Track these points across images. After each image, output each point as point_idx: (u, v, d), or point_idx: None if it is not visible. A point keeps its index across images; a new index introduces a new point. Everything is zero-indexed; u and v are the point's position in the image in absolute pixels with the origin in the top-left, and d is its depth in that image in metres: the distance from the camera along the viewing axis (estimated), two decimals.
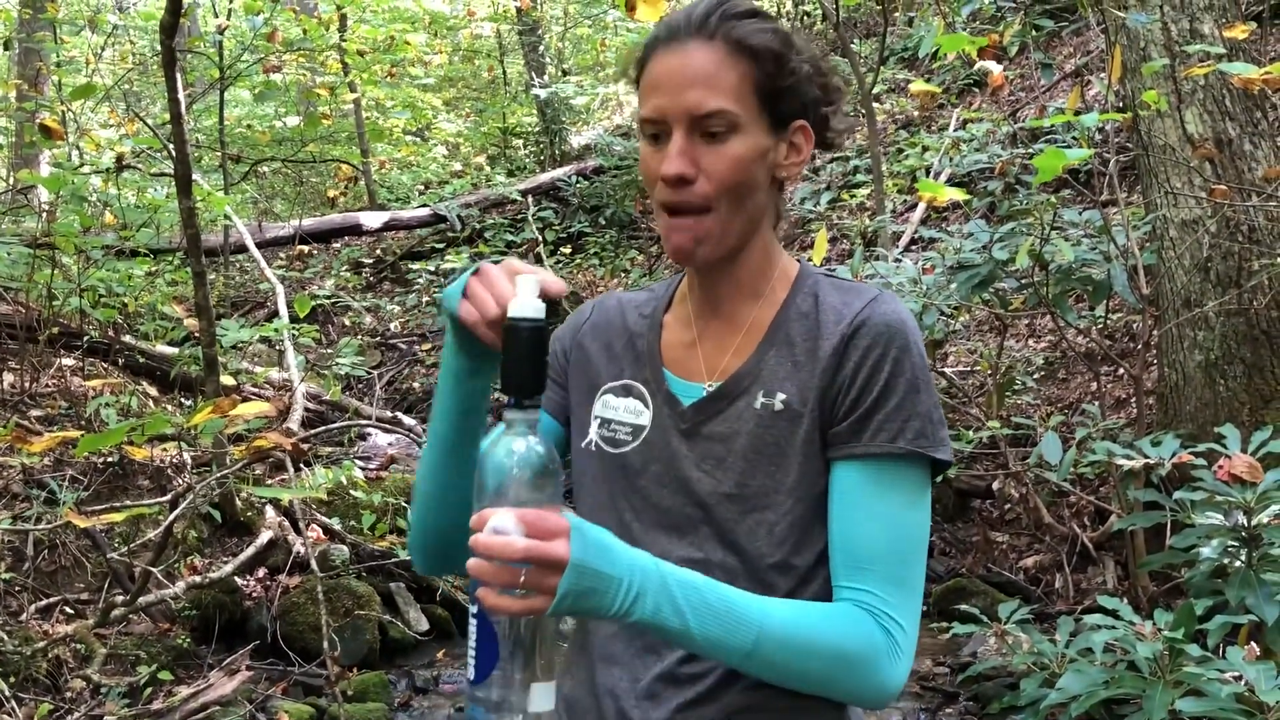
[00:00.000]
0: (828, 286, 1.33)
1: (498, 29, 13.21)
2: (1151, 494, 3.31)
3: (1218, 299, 4.26)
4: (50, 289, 5.50)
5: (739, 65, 1.25)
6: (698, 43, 1.25)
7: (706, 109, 1.23)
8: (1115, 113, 3.77)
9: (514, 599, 1.03)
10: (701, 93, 1.23)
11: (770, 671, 1.18)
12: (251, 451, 3.05)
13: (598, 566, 1.07)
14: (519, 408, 1.07)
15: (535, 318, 1.08)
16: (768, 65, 1.26)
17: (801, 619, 1.19)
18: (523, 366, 1.07)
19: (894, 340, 1.24)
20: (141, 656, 4.03)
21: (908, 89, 9.66)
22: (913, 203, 8.04)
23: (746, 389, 1.30)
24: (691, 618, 1.12)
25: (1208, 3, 4.32)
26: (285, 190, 12.80)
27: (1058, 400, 5.72)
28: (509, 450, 1.05)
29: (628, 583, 1.09)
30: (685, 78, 1.24)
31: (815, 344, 1.28)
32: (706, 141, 1.24)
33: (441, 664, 4.53)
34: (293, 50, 8.45)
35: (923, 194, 2.97)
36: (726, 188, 1.25)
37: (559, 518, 1.06)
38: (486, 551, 1.02)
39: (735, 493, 1.27)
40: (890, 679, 1.20)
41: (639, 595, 1.10)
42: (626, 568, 1.10)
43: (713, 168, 1.24)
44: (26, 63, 9.28)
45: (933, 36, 3.62)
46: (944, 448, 1.25)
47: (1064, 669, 2.85)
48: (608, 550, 1.09)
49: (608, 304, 1.47)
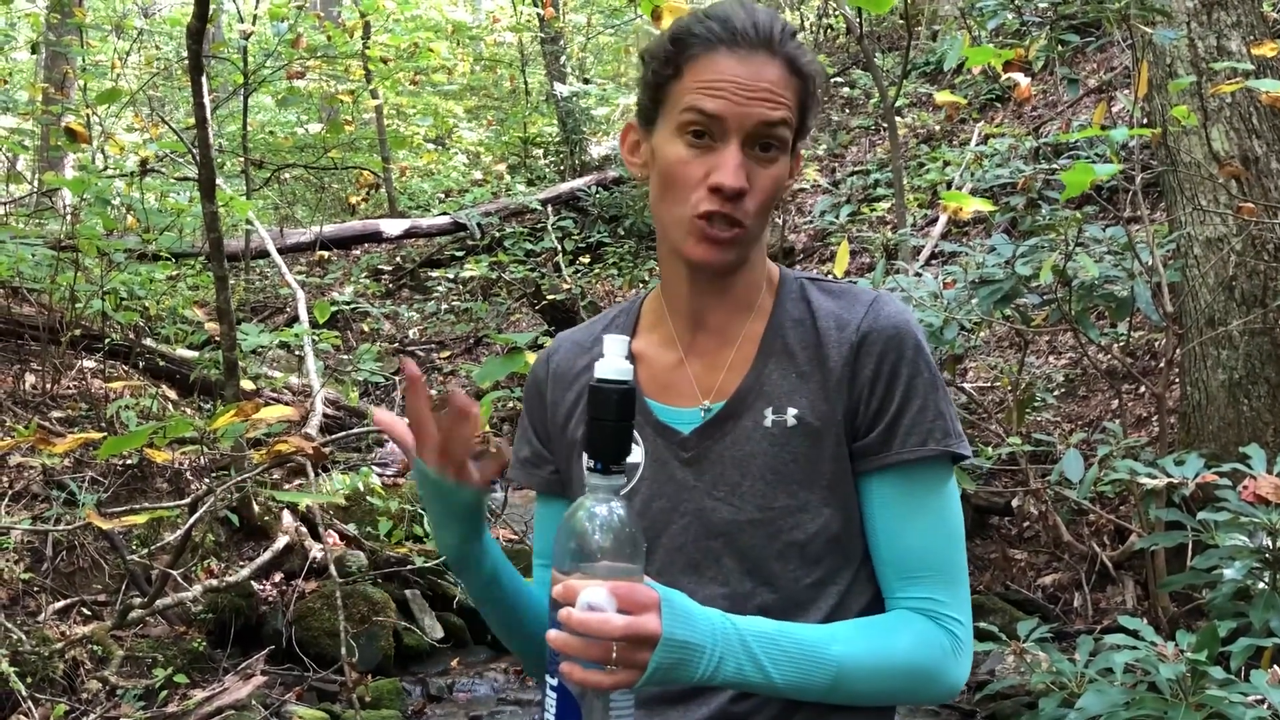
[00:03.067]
0: (816, 291, 1.31)
1: (519, 38, 13.25)
2: (1174, 514, 3.28)
3: (1242, 318, 4.22)
4: (73, 291, 5.53)
5: (794, 86, 1.25)
6: (766, 56, 1.23)
7: (772, 119, 1.22)
8: (1140, 128, 3.75)
9: (603, 674, 1.00)
10: (769, 106, 1.22)
11: (853, 699, 1.18)
12: (272, 456, 3.06)
13: (685, 638, 1.05)
14: (603, 473, 1.04)
15: (621, 380, 1.06)
16: (811, 89, 1.27)
17: (874, 642, 1.18)
18: (606, 430, 1.04)
19: (905, 343, 1.24)
20: (157, 659, 4.03)
21: (930, 103, 9.65)
22: (933, 217, 8.02)
23: (751, 406, 1.26)
24: (773, 670, 1.11)
25: (1235, 20, 4.29)
26: (306, 196, 12.86)
27: (1078, 417, 5.69)
28: (591, 515, 1.03)
29: (710, 649, 1.08)
30: (753, 87, 1.21)
31: (820, 354, 1.26)
32: (758, 158, 1.23)
33: (456, 672, 4.53)
34: (316, 57, 8.49)
35: (947, 205, 2.96)
36: (765, 205, 1.25)
37: (648, 590, 1.04)
38: (583, 629, 0.99)
39: (759, 518, 1.23)
40: (959, 675, 1.22)
41: (721, 660, 1.08)
42: (709, 634, 1.08)
43: (760, 185, 1.24)
44: (53, 67, 9.37)
45: (958, 50, 3.61)
46: (965, 442, 1.26)
47: (1083, 689, 2.82)
48: (692, 618, 1.07)
49: (560, 352, 1.40)
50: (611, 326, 1.38)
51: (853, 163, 9.75)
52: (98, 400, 5.28)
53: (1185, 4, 4.30)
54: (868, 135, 10.12)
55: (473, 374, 2.81)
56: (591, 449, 1.04)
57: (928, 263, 7.24)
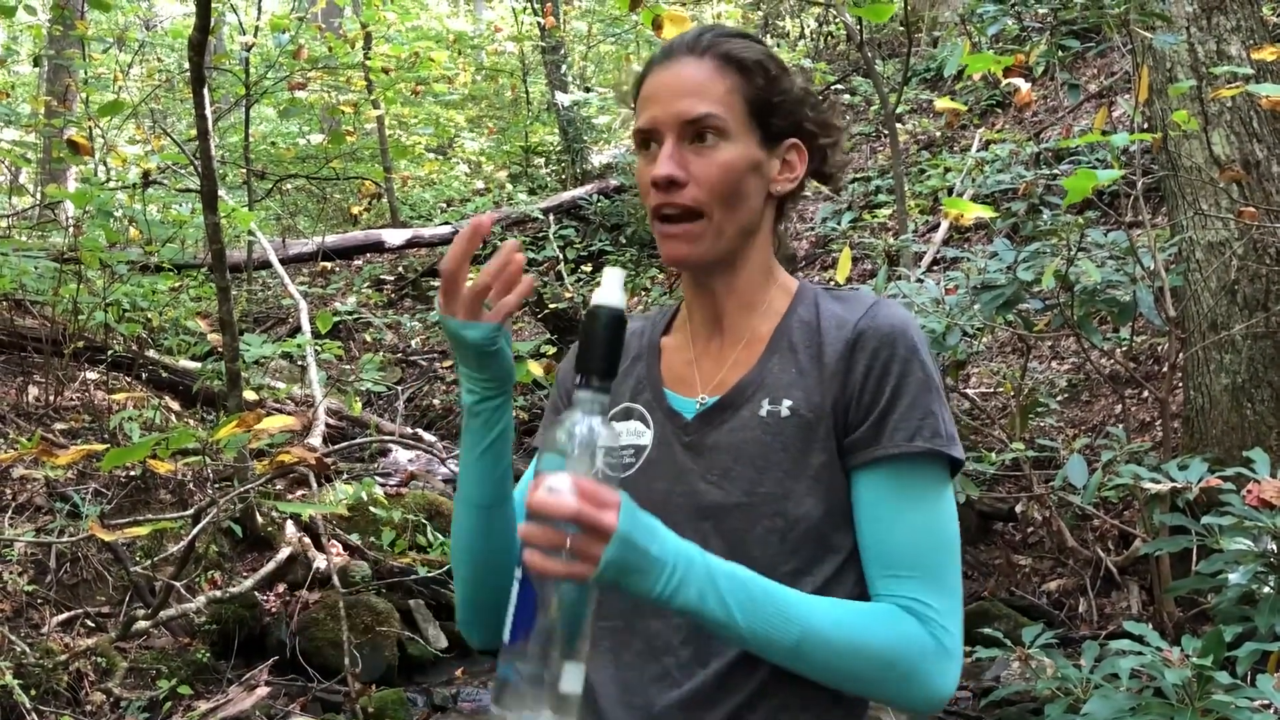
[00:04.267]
0: (828, 298, 1.35)
1: (520, 47, 13.28)
2: (1178, 518, 3.28)
3: (1245, 322, 4.22)
4: (76, 303, 5.54)
5: (727, 77, 1.29)
6: (690, 58, 1.30)
7: (694, 114, 1.27)
8: (1141, 133, 3.75)
9: (559, 562, 1.05)
10: (691, 100, 1.28)
11: (817, 670, 1.18)
12: (275, 466, 3.06)
13: (644, 544, 1.09)
14: (589, 388, 1.11)
15: (615, 306, 1.13)
16: (756, 79, 1.30)
17: (848, 618, 1.19)
18: (597, 348, 1.12)
19: (899, 342, 1.25)
20: (162, 671, 4.03)
21: (930, 109, 9.65)
22: (935, 223, 8.02)
23: (750, 397, 1.30)
24: (736, 609, 1.13)
25: (1235, 24, 4.30)
26: (308, 207, 12.88)
27: (1081, 423, 5.68)
28: (571, 428, 1.09)
29: (671, 565, 1.11)
30: (676, 89, 1.29)
31: (818, 350, 1.29)
32: (696, 149, 1.28)
33: (460, 682, 4.52)
34: (318, 68, 8.51)
35: (948, 212, 2.96)
36: (716, 193, 1.28)
37: (612, 491, 1.08)
38: (539, 508, 1.04)
39: (744, 501, 1.26)
40: (941, 682, 1.20)
41: (682, 581, 1.11)
42: (673, 552, 1.12)
43: (702, 173, 1.27)
44: (56, 79, 9.40)
45: (958, 57, 3.61)
46: (958, 447, 1.26)
47: (1089, 695, 2.81)
48: (655, 531, 1.11)
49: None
50: (649, 321, 1.45)
51: (854, 169, 9.76)
52: (101, 412, 5.29)
53: (1185, 9, 4.31)
54: (869, 142, 10.13)
55: None
56: (581, 365, 1.12)
57: (930, 269, 7.24)
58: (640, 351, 1.40)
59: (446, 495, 5.60)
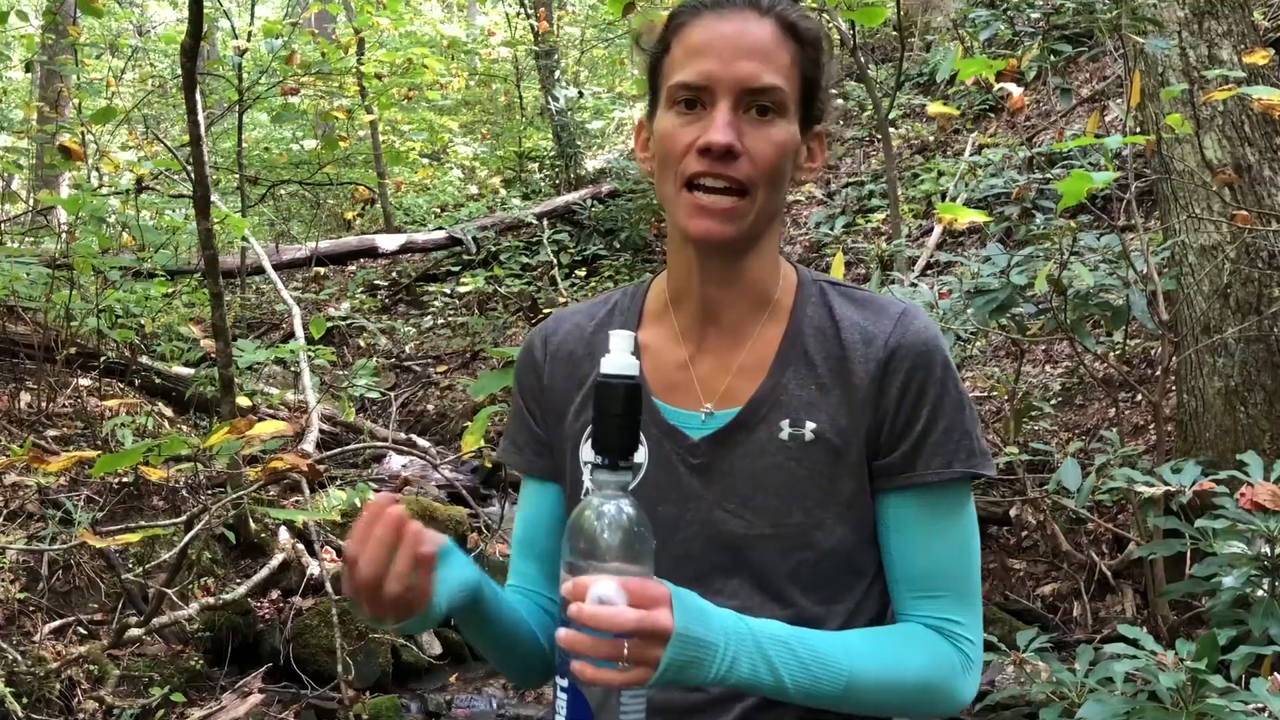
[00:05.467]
0: (840, 299, 1.24)
1: (514, 53, 13.29)
2: (1172, 522, 3.28)
3: (1238, 325, 4.23)
4: (68, 309, 5.53)
5: (790, 47, 1.18)
6: (752, 14, 1.17)
7: (762, 83, 1.15)
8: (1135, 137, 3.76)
9: (616, 671, 0.97)
10: (758, 65, 1.15)
11: (861, 708, 1.16)
12: (267, 473, 3.05)
13: (699, 635, 1.02)
14: (611, 469, 1.02)
15: (627, 374, 1.03)
16: (812, 54, 1.20)
17: (887, 655, 1.16)
18: (612, 425, 1.02)
19: (934, 360, 1.18)
20: (154, 678, 4.02)
21: (923, 114, 9.67)
22: (928, 227, 8.03)
23: (765, 417, 1.20)
24: (785, 674, 1.08)
25: (1226, 28, 4.31)
26: (302, 212, 12.87)
27: (1075, 426, 5.68)
28: (600, 513, 1.00)
29: (723, 648, 1.04)
30: (741, 47, 1.15)
31: (844, 367, 1.19)
32: (751, 120, 1.16)
33: (454, 688, 4.51)
34: (311, 73, 8.51)
35: (941, 216, 2.96)
36: (767, 172, 1.17)
37: (659, 585, 1.01)
38: (594, 623, 0.96)
39: (772, 533, 1.18)
40: (966, 693, 1.20)
41: (735, 659, 1.05)
42: (721, 632, 1.05)
43: (757, 148, 1.15)
44: (48, 85, 9.38)
45: (950, 61, 3.62)
46: (989, 461, 1.22)
47: (1084, 699, 2.81)
48: (705, 616, 1.04)
49: (560, 334, 1.32)
50: (615, 312, 1.31)
51: (847, 174, 9.77)
52: (93, 418, 5.27)
53: (1176, 13, 4.32)
54: (862, 146, 10.14)
55: (469, 388, 2.81)
56: (599, 445, 1.02)
57: (923, 273, 7.24)
58: None
59: (441, 501, 5.59)
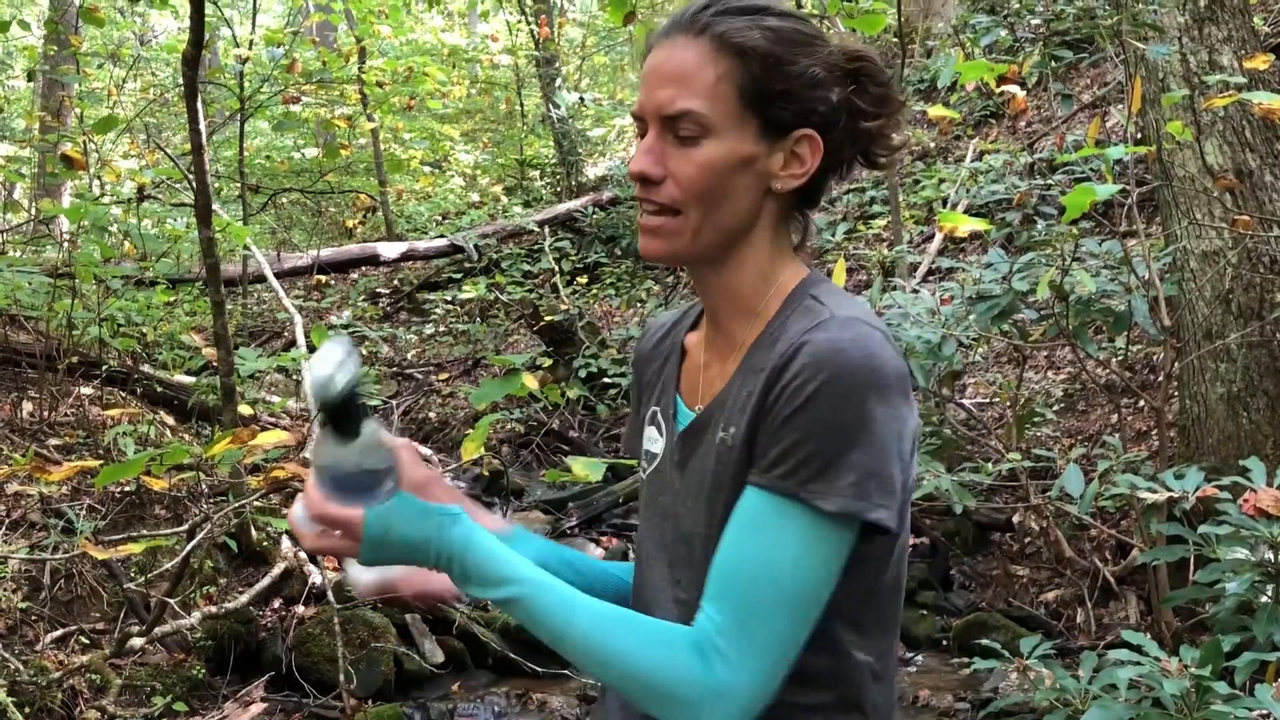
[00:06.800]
0: (804, 309, 1.19)
1: (515, 60, 13.32)
2: (1175, 528, 3.28)
3: (1240, 330, 4.22)
4: (70, 318, 5.53)
5: (720, 64, 1.16)
6: (684, 38, 1.18)
7: (673, 109, 1.17)
8: (1134, 144, 3.76)
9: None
10: (671, 91, 1.17)
11: (586, 661, 1.13)
12: (269, 481, 3.05)
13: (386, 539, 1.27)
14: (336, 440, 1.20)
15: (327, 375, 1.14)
16: (754, 66, 1.16)
17: (612, 621, 1.13)
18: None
19: (821, 370, 1.09)
20: (156, 687, 4.01)
21: (924, 120, 9.67)
22: (930, 233, 8.04)
23: (711, 421, 1.22)
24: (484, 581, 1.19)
25: (1226, 34, 4.31)
26: (303, 220, 12.88)
27: (1078, 432, 5.68)
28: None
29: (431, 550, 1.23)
30: (661, 75, 1.18)
31: (767, 371, 1.15)
32: (675, 144, 1.18)
33: (457, 696, 4.50)
34: (312, 82, 8.52)
35: (943, 225, 2.96)
36: (693, 193, 1.18)
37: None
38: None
39: (704, 532, 1.19)
40: (698, 706, 1.08)
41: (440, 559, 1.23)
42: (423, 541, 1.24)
43: (679, 171, 1.18)
44: (50, 94, 9.40)
45: (952, 67, 3.62)
46: (850, 500, 1.08)
47: (1088, 705, 2.80)
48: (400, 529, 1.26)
49: (651, 327, 1.43)
50: (686, 316, 1.39)
51: (848, 180, 9.78)
52: (95, 427, 5.27)
53: (1177, 19, 4.32)
54: None
55: (470, 396, 2.80)
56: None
57: (925, 279, 7.25)
58: (669, 351, 1.34)
59: None
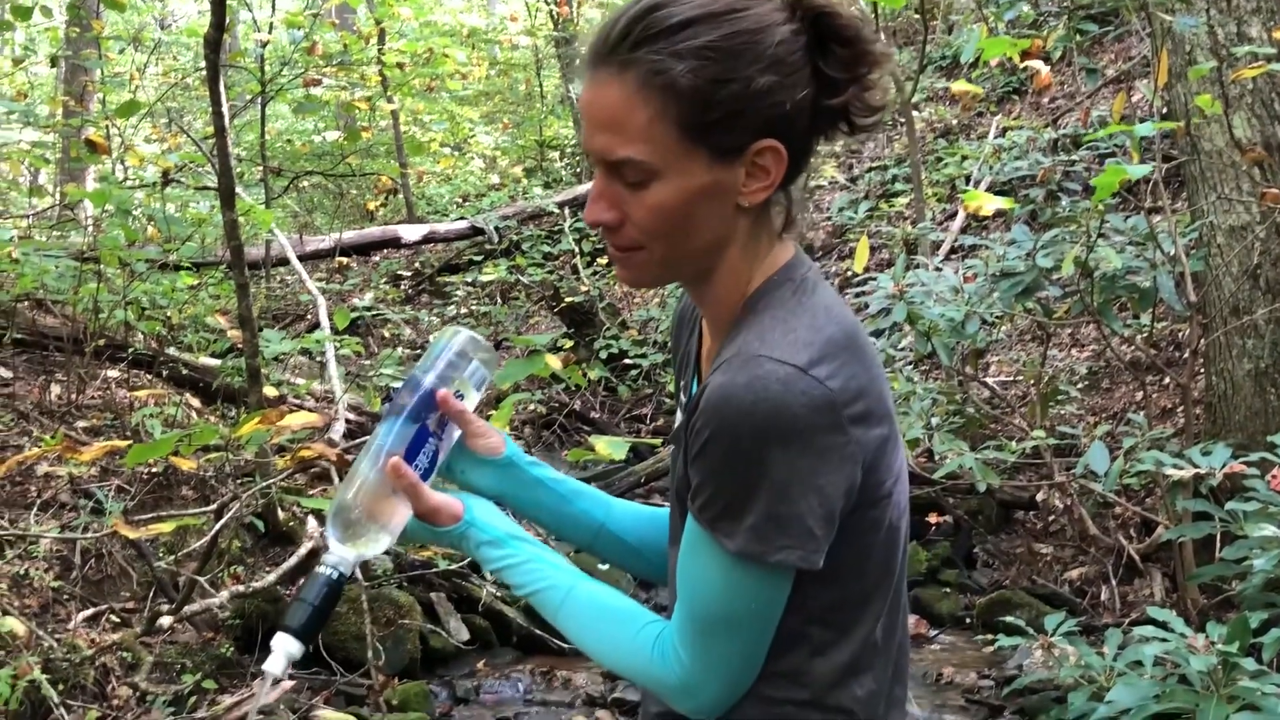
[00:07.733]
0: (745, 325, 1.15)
1: (534, 41, 13.29)
2: (1201, 504, 3.26)
3: (1267, 306, 4.19)
4: (96, 302, 5.57)
5: (649, 103, 1.06)
6: (607, 74, 1.07)
7: (616, 157, 1.08)
8: (1161, 117, 3.73)
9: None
10: (608, 139, 1.08)
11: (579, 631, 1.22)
12: (296, 462, 3.07)
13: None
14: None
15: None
16: (684, 101, 1.06)
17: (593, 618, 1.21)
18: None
19: (711, 419, 1.07)
20: (186, 665, 4.06)
21: (947, 97, 9.61)
22: (952, 211, 7.99)
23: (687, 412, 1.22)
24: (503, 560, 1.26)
25: (1255, 5, 4.26)
26: (325, 203, 12.92)
27: (1102, 410, 5.65)
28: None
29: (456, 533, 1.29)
30: (594, 119, 1.09)
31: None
32: (626, 187, 1.10)
33: (482, 674, 4.53)
34: (333, 64, 8.53)
35: (967, 205, 2.95)
36: (653, 232, 1.12)
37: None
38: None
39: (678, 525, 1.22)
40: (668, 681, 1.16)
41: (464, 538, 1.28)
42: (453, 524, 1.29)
43: (635, 215, 1.11)
44: (73, 80, 9.45)
45: (975, 42, 3.59)
46: (748, 543, 1.07)
47: (1113, 682, 2.80)
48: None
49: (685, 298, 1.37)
50: None
51: (870, 159, 9.72)
52: (122, 409, 5.32)
53: None
54: (885, 131, 10.08)
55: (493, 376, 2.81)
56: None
57: (948, 257, 7.21)
58: (694, 325, 1.31)
59: None
